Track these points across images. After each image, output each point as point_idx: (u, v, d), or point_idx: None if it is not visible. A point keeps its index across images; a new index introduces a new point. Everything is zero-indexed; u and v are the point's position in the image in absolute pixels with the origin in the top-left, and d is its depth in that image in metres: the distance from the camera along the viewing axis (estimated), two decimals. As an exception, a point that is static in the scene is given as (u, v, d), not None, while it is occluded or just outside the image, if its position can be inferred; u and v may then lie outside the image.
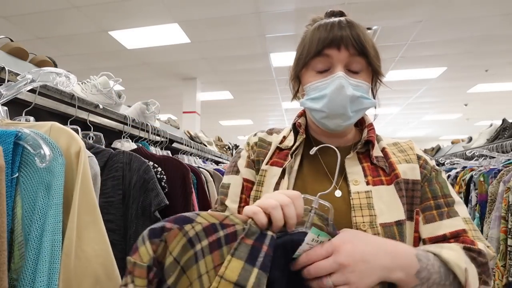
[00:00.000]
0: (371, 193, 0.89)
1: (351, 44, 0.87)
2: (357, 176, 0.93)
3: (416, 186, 0.92)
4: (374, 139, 0.98)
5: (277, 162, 1.00)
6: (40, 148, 0.76)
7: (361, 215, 0.86)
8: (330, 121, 0.91)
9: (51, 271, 0.72)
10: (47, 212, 0.74)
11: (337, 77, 0.87)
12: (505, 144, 2.77)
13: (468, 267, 0.74)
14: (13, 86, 0.88)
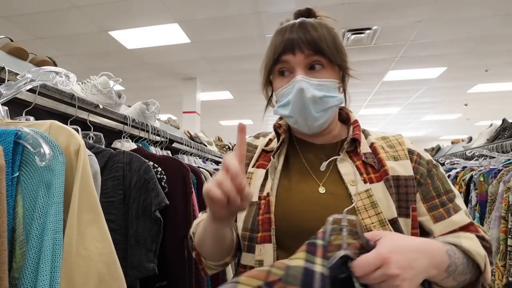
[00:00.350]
0: (371, 191, 0.89)
1: (304, 46, 0.89)
2: (352, 176, 0.92)
3: (409, 182, 0.91)
4: (360, 137, 0.97)
5: (263, 164, 1.01)
6: (40, 147, 0.76)
7: (368, 216, 0.86)
8: (301, 125, 0.94)
9: (53, 270, 0.72)
10: (47, 211, 0.74)
11: (296, 81, 0.88)
12: (505, 144, 2.77)
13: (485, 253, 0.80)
14: (13, 85, 0.88)
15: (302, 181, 0.95)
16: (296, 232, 0.87)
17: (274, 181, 0.95)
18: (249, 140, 1.11)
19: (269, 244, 0.87)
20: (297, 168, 0.99)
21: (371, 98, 9.15)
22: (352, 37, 5.35)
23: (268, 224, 0.88)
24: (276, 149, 1.00)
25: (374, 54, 6.12)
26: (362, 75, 7.22)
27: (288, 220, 0.89)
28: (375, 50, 5.96)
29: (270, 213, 0.89)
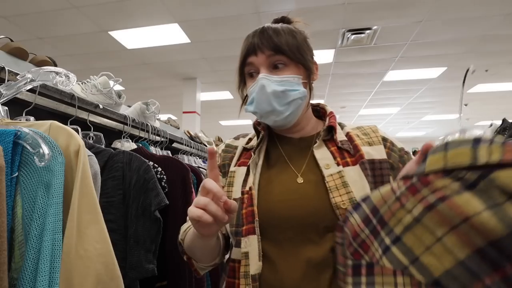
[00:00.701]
0: (343, 173, 0.93)
1: (264, 47, 0.96)
2: (327, 161, 0.97)
3: (383, 165, 0.96)
4: (335, 124, 1.03)
5: (244, 162, 1.06)
6: (39, 147, 0.76)
7: (339, 194, 0.90)
8: (267, 120, 1.00)
9: (52, 270, 0.72)
10: (47, 211, 0.74)
11: (259, 79, 0.95)
12: (505, 144, 2.76)
13: None
14: (13, 85, 0.88)
15: (282, 173, 1.00)
16: (278, 221, 0.91)
17: (255, 176, 1.00)
18: (229, 142, 1.18)
19: (253, 235, 0.90)
20: (277, 161, 1.04)
21: (371, 98, 9.15)
22: (352, 37, 5.35)
23: (251, 217, 0.92)
24: (256, 145, 1.06)
25: (374, 54, 6.12)
26: (362, 75, 7.24)
27: (271, 211, 0.93)
28: (375, 50, 5.96)
29: (253, 206, 0.93)
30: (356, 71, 7.07)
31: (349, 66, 6.74)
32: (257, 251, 0.89)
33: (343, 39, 5.46)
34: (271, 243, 0.91)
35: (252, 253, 0.90)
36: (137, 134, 2.05)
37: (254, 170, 1.02)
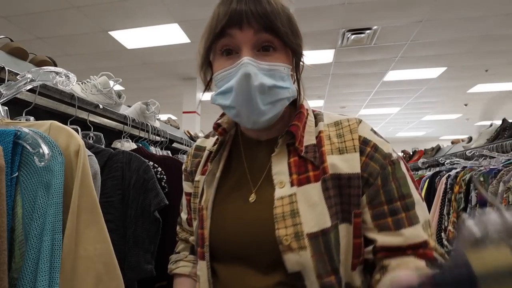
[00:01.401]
0: (295, 197, 0.75)
1: (254, 20, 0.73)
2: (282, 176, 0.79)
3: (353, 181, 0.75)
4: (297, 129, 0.80)
5: (206, 169, 0.90)
6: (39, 147, 0.76)
7: (285, 226, 0.73)
8: (244, 120, 0.77)
9: (52, 270, 0.72)
10: (47, 211, 0.74)
11: (242, 64, 0.72)
12: (505, 144, 2.76)
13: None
14: (12, 85, 0.88)
15: (237, 189, 0.85)
16: (228, 246, 0.81)
17: (210, 191, 0.85)
18: (198, 143, 1.02)
19: (202, 261, 0.82)
20: (236, 171, 0.88)
21: (371, 98, 9.15)
22: (352, 37, 5.35)
23: (202, 241, 0.82)
24: (214, 154, 0.89)
25: (374, 54, 6.12)
26: (362, 75, 7.24)
27: (221, 235, 0.81)
28: (375, 50, 5.96)
29: (204, 228, 0.82)
30: (356, 71, 7.07)
31: (349, 66, 6.74)
32: (206, 277, 0.81)
33: (343, 39, 5.46)
34: (223, 267, 0.82)
35: (202, 278, 0.82)
36: (137, 134, 2.05)
37: (210, 183, 0.86)
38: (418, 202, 0.75)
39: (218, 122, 0.89)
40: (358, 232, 0.75)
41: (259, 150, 0.86)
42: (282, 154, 0.81)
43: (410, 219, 0.73)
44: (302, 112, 0.84)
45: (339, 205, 0.75)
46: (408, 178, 0.77)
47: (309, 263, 0.71)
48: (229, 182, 0.86)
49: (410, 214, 0.73)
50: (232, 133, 0.93)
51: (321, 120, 0.85)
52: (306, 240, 0.71)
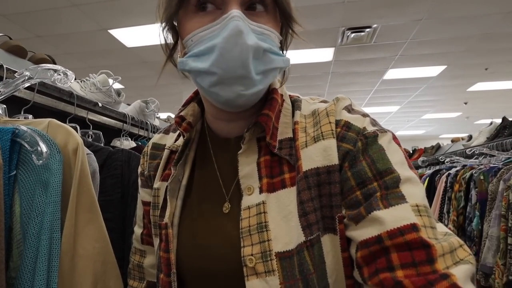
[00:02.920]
0: (263, 206, 0.60)
1: None
2: (251, 180, 0.63)
3: (332, 176, 0.59)
4: (267, 120, 0.63)
5: (168, 174, 0.72)
6: (37, 145, 0.76)
7: (251, 243, 0.58)
8: (225, 89, 0.58)
9: (50, 269, 0.72)
10: (45, 210, 0.73)
11: (231, 17, 0.55)
12: (505, 143, 2.76)
13: None
14: (10, 83, 0.87)
15: (208, 199, 0.68)
16: (200, 275, 0.65)
17: (177, 203, 0.69)
18: (155, 140, 0.82)
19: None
20: (206, 178, 0.71)
21: (371, 97, 9.14)
22: (352, 35, 5.34)
23: (167, 267, 0.66)
24: (178, 155, 0.71)
25: (374, 52, 6.11)
26: (362, 74, 7.23)
27: (190, 259, 0.66)
28: (375, 49, 5.94)
29: (169, 252, 0.65)
30: (356, 70, 7.06)
31: (349, 64, 6.73)
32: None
33: (343, 37, 5.45)
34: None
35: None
36: (136, 133, 2.04)
37: (175, 193, 0.69)
38: (408, 179, 0.55)
39: (181, 114, 0.71)
40: (344, 243, 0.58)
41: (230, 147, 0.69)
42: (251, 152, 0.65)
43: (388, 200, 0.53)
44: (274, 98, 0.67)
45: (319, 210, 0.59)
46: (388, 152, 0.57)
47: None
48: (198, 191, 0.71)
49: (389, 193, 0.54)
50: (198, 128, 0.76)
51: (299, 109, 0.69)
52: (275, 262, 0.56)
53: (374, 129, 0.60)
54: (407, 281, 0.46)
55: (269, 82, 0.62)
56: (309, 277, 0.56)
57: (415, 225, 0.49)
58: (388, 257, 0.49)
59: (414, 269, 0.47)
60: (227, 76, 0.56)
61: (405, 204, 0.52)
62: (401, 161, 0.57)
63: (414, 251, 0.48)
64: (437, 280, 0.45)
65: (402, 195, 0.53)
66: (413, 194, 0.53)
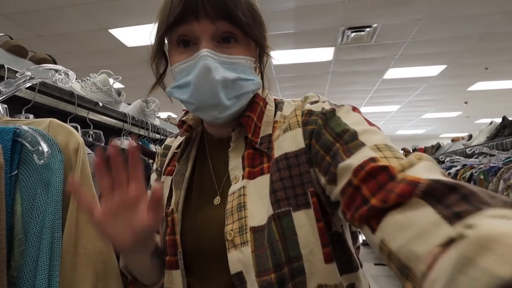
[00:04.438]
0: (243, 190, 0.71)
1: (211, 9, 0.66)
2: (237, 171, 0.74)
3: (300, 158, 0.68)
4: (251, 119, 0.76)
5: (172, 170, 0.85)
6: (38, 145, 0.76)
7: (232, 221, 0.69)
8: (204, 114, 0.73)
9: (52, 268, 0.72)
10: (46, 209, 0.74)
11: (200, 56, 0.66)
12: (505, 142, 2.77)
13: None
14: (12, 83, 0.88)
15: (204, 191, 0.80)
16: (199, 255, 0.74)
17: (180, 193, 0.79)
18: (167, 142, 0.96)
19: (176, 270, 0.74)
20: (203, 173, 0.83)
21: (371, 96, 9.15)
22: (352, 35, 5.34)
23: (173, 247, 0.75)
24: (180, 152, 0.84)
25: (374, 52, 6.11)
26: (362, 73, 7.24)
27: (192, 241, 0.75)
28: (375, 48, 5.95)
29: (175, 233, 0.75)
30: (356, 69, 7.06)
31: (349, 64, 6.74)
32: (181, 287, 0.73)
33: (343, 37, 5.45)
34: (196, 280, 0.74)
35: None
36: (136, 132, 2.05)
37: (179, 185, 0.80)
38: (365, 131, 0.62)
39: (183, 119, 0.86)
40: (319, 214, 0.66)
41: (223, 148, 0.80)
42: (239, 148, 0.77)
43: (350, 150, 0.59)
44: (255, 101, 0.78)
45: (290, 188, 0.67)
46: (344, 118, 0.66)
47: (249, 260, 0.65)
48: (197, 184, 0.82)
49: (349, 146, 0.60)
50: (199, 130, 0.88)
51: (280, 110, 0.79)
52: (249, 234, 0.66)
53: (331, 107, 0.70)
54: (374, 200, 0.50)
55: (243, 103, 0.74)
56: (275, 244, 0.64)
57: (373, 157, 0.55)
58: (360, 193, 0.54)
59: (382, 191, 0.50)
60: (202, 105, 0.70)
61: (364, 147, 0.58)
62: (357, 122, 0.65)
63: (377, 177, 0.52)
64: (395, 186, 0.49)
65: (362, 142, 0.59)
66: (372, 140, 0.59)
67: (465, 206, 0.40)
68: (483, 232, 0.30)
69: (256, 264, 0.64)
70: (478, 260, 0.28)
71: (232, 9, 0.66)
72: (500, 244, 0.28)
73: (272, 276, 0.63)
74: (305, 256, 0.64)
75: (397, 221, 0.46)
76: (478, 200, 0.40)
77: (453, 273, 0.30)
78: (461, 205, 0.41)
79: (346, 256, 0.70)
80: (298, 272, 0.64)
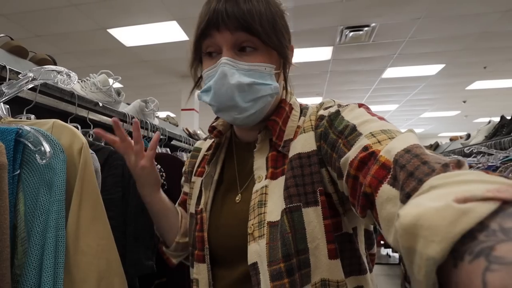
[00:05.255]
0: (265, 189, 0.78)
1: (229, 21, 0.73)
2: (261, 171, 0.81)
3: (312, 159, 0.75)
4: (276, 123, 0.82)
5: (202, 171, 0.95)
6: (41, 145, 0.77)
7: (253, 217, 0.76)
8: (225, 115, 0.81)
9: (57, 266, 0.73)
10: (49, 208, 0.75)
11: (220, 64, 0.74)
12: (503, 141, 2.78)
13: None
14: (14, 84, 0.88)
15: (228, 191, 0.88)
16: (225, 249, 0.82)
17: (209, 193, 0.88)
18: (197, 144, 1.06)
19: (203, 264, 0.83)
20: (229, 175, 0.90)
21: (369, 95, 9.16)
22: (351, 34, 5.35)
23: (201, 243, 0.84)
24: (210, 156, 0.92)
25: (373, 51, 6.12)
26: (360, 72, 7.25)
27: (218, 237, 0.83)
28: (373, 47, 5.96)
29: (203, 231, 0.84)
30: (355, 68, 7.07)
31: (348, 63, 6.75)
32: (206, 280, 0.82)
33: (341, 36, 5.47)
34: (225, 271, 0.82)
35: (201, 282, 0.83)
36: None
37: (208, 186, 0.89)
38: (364, 122, 0.66)
39: (213, 124, 0.94)
40: (326, 212, 0.71)
41: (249, 150, 0.87)
42: (263, 149, 0.84)
43: (349, 143, 0.63)
44: (282, 107, 0.85)
45: (301, 186, 0.73)
46: (346, 116, 0.71)
47: (263, 251, 0.72)
48: (224, 185, 0.90)
49: (349, 139, 0.65)
50: (227, 136, 0.96)
51: (304, 115, 0.85)
52: (266, 228, 0.73)
53: (336, 109, 0.75)
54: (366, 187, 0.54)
55: (261, 106, 0.78)
56: (286, 236, 0.69)
57: (366, 146, 0.59)
58: (358, 181, 0.58)
59: (369, 176, 0.54)
60: (221, 107, 0.78)
61: (360, 137, 0.62)
62: (357, 116, 0.69)
63: (368, 162, 0.56)
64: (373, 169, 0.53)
65: (359, 133, 0.63)
66: (368, 128, 0.63)
67: (412, 183, 0.43)
68: (404, 221, 0.32)
69: (268, 255, 0.70)
70: (415, 247, 0.31)
71: (249, 21, 0.73)
72: (421, 227, 0.30)
73: (282, 265, 0.68)
74: (311, 250, 0.70)
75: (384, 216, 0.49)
76: (422, 173, 0.43)
77: (408, 265, 0.33)
78: (409, 182, 0.44)
79: (354, 258, 0.74)
80: (304, 264, 0.69)
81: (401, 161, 0.48)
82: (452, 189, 0.33)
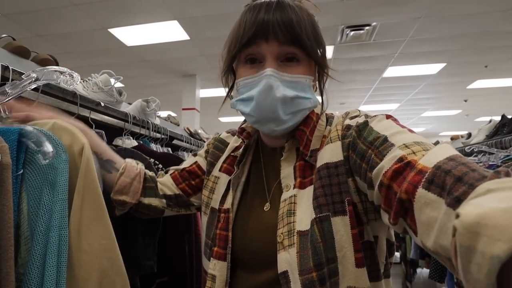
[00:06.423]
0: (294, 198, 0.78)
1: (280, 32, 0.73)
2: (288, 180, 0.82)
3: (340, 169, 0.74)
4: (304, 133, 0.82)
5: (228, 169, 0.94)
6: (43, 145, 0.77)
7: (282, 225, 0.76)
8: (262, 127, 0.81)
9: (59, 265, 0.73)
10: (52, 208, 0.75)
11: (265, 75, 0.74)
12: (504, 140, 2.78)
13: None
14: (18, 84, 0.89)
15: (256, 196, 0.88)
16: (251, 253, 0.83)
17: (236, 195, 0.89)
18: (222, 137, 1.04)
19: (223, 262, 0.83)
20: (256, 179, 0.91)
21: (370, 94, 9.15)
22: (351, 33, 5.35)
23: (224, 242, 0.84)
24: (239, 157, 0.92)
25: (373, 50, 6.12)
26: (361, 71, 7.24)
27: (243, 240, 0.84)
28: (374, 47, 5.96)
29: (228, 230, 0.84)
30: (355, 68, 7.07)
31: (348, 62, 6.74)
32: (224, 277, 0.82)
33: (342, 35, 5.47)
34: (244, 271, 0.84)
35: (219, 279, 0.83)
36: (137, 131, 2.05)
37: (236, 186, 0.89)
38: (395, 133, 0.66)
39: (243, 126, 0.93)
40: (354, 221, 0.71)
41: (275, 157, 0.88)
42: (290, 158, 0.84)
43: (381, 153, 0.63)
44: (310, 117, 0.85)
45: (330, 195, 0.73)
46: (375, 127, 0.71)
47: (294, 260, 0.72)
48: (251, 187, 0.90)
49: (380, 149, 0.64)
50: (255, 137, 0.96)
51: (330, 125, 0.85)
52: (295, 237, 0.73)
53: (364, 119, 0.75)
54: (402, 194, 0.53)
55: (299, 119, 0.80)
56: (317, 245, 0.70)
57: (401, 157, 0.58)
58: (392, 191, 0.57)
59: (405, 183, 0.53)
60: (261, 118, 0.77)
61: (393, 148, 0.62)
62: (388, 127, 0.69)
63: (403, 172, 0.56)
64: (410, 175, 0.53)
65: (392, 144, 0.63)
66: (401, 139, 0.63)
67: (462, 188, 0.43)
68: (466, 220, 0.32)
69: (299, 264, 0.71)
70: (476, 246, 0.30)
71: (298, 33, 0.74)
72: (485, 226, 0.30)
73: (314, 274, 0.69)
74: (339, 259, 0.70)
75: (423, 220, 0.49)
76: (473, 178, 0.43)
77: (464, 264, 0.33)
78: (458, 187, 0.44)
79: (374, 265, 0.75)
80: (334, 273, 0.70)
81: (445, 167, 0.48)
82: (511, 193, 0.34)
